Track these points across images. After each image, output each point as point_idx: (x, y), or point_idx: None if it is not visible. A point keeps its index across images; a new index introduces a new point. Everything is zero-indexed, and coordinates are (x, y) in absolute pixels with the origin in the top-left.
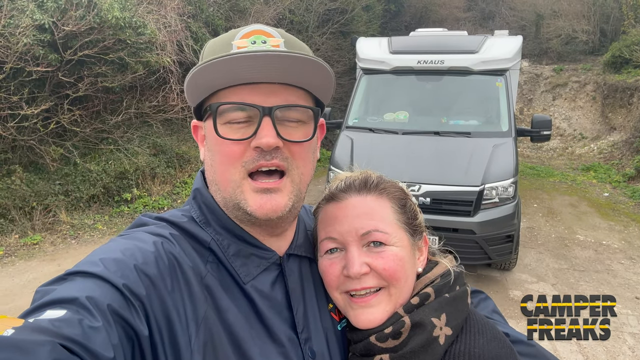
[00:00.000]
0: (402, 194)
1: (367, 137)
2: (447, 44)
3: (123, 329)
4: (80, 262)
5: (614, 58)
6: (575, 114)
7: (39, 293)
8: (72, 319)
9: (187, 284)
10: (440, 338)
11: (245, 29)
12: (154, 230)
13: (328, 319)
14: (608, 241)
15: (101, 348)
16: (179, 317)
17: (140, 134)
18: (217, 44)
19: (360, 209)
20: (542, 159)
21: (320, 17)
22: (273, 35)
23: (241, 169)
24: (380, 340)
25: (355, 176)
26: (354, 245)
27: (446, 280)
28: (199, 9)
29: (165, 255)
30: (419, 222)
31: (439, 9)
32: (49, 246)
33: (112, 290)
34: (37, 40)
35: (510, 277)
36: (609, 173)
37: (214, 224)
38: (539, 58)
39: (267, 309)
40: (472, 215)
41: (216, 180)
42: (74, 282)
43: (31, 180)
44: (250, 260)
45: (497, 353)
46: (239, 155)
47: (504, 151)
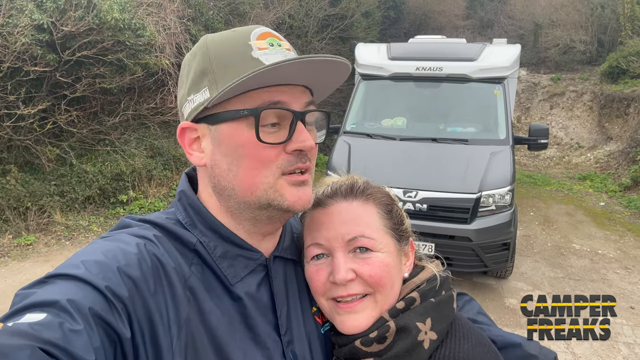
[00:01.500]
0: (388, 200)
1: (365, 143)
2: (446, 51)
3: (105, 331)
4: (62, 264)
5: (611, 68)
6: (572, 123)
7: (19, 297)
8: (53, 322)
9: (170, 286)
10: (424, 342)
11: (256, 30)
12: (137, 232)
13: (311, 322)
14: (604, 250)
15: (82, 351)
16: (162, 319)
17: (137, 136)
18: (231, 44)
19: (347, 214)
20: (538, 168)
21: (319, 22)
22: (281, 38)
23: (276, 170)
24: (365, 344)
25: (342, 181)
26: (340, 251)
27: (432, 285)
28: (198, 12)
29: (148, 257)
30: (405, 227)
31: (438, 16)
32: (43, 247)
33: (93, 292)
34: (35, 40)
35: (506, 285)
36: (605, 182)
37: (200, 225)
38: (536, 67)
39: (253, 311)
40: (468, 222)
41: (235, 185)
42: (55, 285)
43: (26, 181)
44: (237, 261)
45: (481, 358)
46: (274, 158)
47: (501, 159)
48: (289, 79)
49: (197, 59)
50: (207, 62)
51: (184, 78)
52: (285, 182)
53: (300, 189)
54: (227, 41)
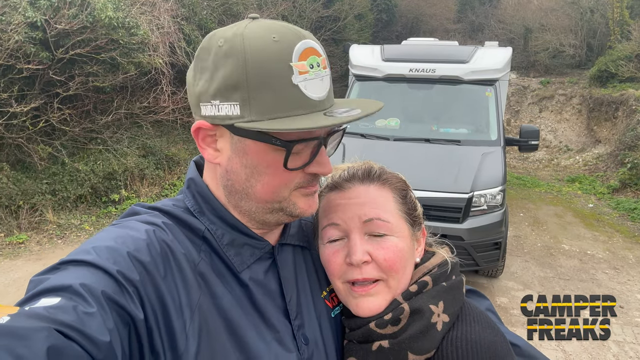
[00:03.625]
0: (403, 185)
1: (359, 143)
2: (439, 53)
3: (118, 314)
4: (73, 251)
5: (600, 72)
6: (561, 126)
7: (33, 283)
8: (67, 305)
9: (180, 271)
10: (437, 325)
11: (299, 46)
12: (146, 218)
13: (321, 306)
14: (593, 251)
15: (97, 333)
16: (174, 302)
17: (129, 135)
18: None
19: (364, 197)
20: (528, 170)
21: (313, 23)
22: (319, 52)
23: (293, 187)
24: (380, 326)
25: (358, 166)
26: (357, 232)
27: (443, 269)
28: (192, 12)
29: (157, 242)
30: (418, 213)
31: (429, 19)
32: (35, 245)
33: (105, 277)
34: (28, 38)
35: (497, 285)
36: (594, 185)
37: (208, 213)
38: (526, 71)
39: (261, 296)
40: (460, 221)
41: (250, 193)
42: (67, 271)
43: (18, 179)
44: (244, 249)
45: (492, 339)
46: (293, 178)
47: (492, 159)
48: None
49: (230, 61)
50: (243, 74)
51: (209, 72)
52: (299, 193)
53: (310, 198)
54: (268, 56)
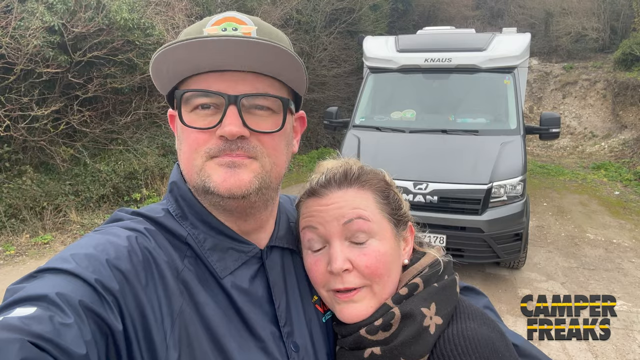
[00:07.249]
0: (384, 185)
1: (374, 136)
2: (455, 42)
3: (96, 324)
4: (52, 259)
5: (625, 55)
6: (585, 112)
7: (9, 292)
8: (42, 315)
9: (161, 279)
10: (430, 328)
11: (217, 16)
12: (129, 225)
13: (312, 311)
14: (618, 240)
15: (73, 344)
16: (154, 312)
17: (149, 135)
18: (189, 32)
19: (342, 202)
20: (552, 158)
21: (327, 16)
22: (245, 22)
23: (204, 154)
24: (371, 332)
25: (336, 168)
26: (337, 238)
27: (434, 270)
28: (206, 10)
29: (139, 249)
30: (403, 212)
31: (447, 7)
32: (60, 245)
33: (83, 286)
34: (46, 42)
35: (519, 276)
36: (620, 171)
37: (190, 217)
38: (548, 56)
39: (245, 304)
40: (480, 213)
41: (183, 168)
42: (44, 279)
43: (42, 181)
44: (228, 254)
45: (489, 335)
46: (202, 143)
47: (512, 149)
48: (222, 64)
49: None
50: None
51: None
52: (214, 163)
53: (228, 170)
54: (187, 30)
